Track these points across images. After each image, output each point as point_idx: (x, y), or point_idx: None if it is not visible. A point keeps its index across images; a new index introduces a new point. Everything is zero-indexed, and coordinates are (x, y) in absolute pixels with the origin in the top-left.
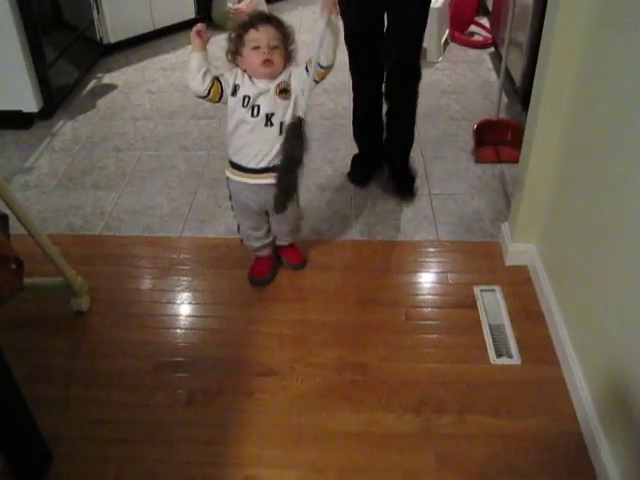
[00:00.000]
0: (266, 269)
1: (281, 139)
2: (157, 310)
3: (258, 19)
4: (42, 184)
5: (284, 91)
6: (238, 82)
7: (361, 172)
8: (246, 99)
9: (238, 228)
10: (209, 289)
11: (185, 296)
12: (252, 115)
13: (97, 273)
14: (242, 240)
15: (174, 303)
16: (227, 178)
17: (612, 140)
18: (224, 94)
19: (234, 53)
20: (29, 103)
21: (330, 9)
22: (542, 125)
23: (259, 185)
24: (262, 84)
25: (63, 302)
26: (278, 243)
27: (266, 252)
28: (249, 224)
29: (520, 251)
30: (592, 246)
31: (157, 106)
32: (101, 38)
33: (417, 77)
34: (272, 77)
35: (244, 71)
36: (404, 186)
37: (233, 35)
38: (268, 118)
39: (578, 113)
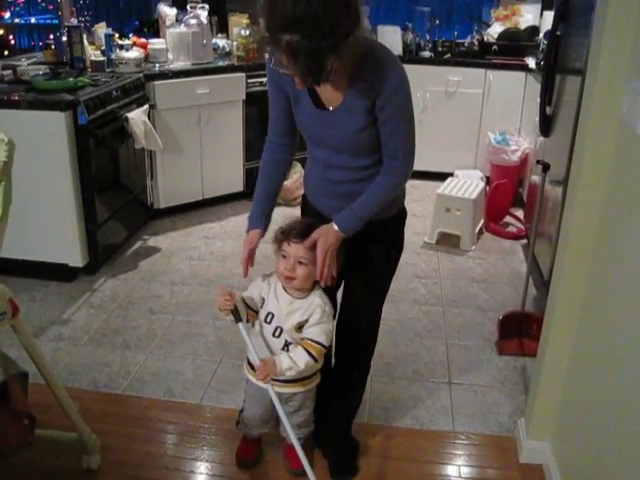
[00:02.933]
0: (254, 451)
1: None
2: (165, 477)
3: (293, 234)
4: (75, 337)
5: (301, 327)
6: (264, 295)
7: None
8: (269, 316)
9: (240, 412)
10: (219, 461)
11: (195, 465)
12: (274, 335)
13: (112, 432)
14: (237, 423)
15: (183, 471)
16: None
17: (624, 340)
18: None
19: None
20: (75, 258)
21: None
22: (558, 322)
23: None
24: (285, 304)
25: (74, 457)
26: (284, 435)
27: (257, 436)
28: (259, 414)
29: (535, 449)
30: (606, 452)
31: (195, 273)
32: (152, 203)
33: (374, 342)
34: (296, 291)
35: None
36: (344, 462)
37: (278, 232)
38: (286, 344)
39: (592, 313)
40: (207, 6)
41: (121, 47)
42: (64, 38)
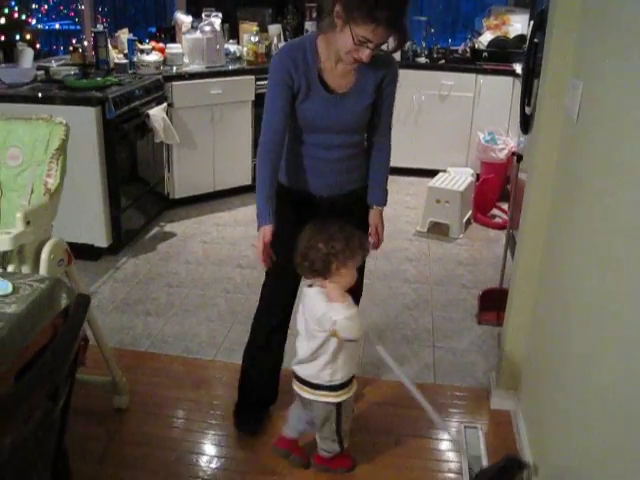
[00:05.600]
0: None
1: None
2: (184, 415)
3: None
4: (102, 306)
5: None
6: None
7: (254, 418)
8: None
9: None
10: (231, 403)
11: (209, 405)
12: None
13: (137, 381)
14: None
15: (199, 411)
16: None
17: (573, 304)
18: None
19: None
20: (100, 239)
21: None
22: (518, 295)
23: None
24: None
25: (104, 399)
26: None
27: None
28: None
29: (503, 397)
30: (560, 400)
31: (208, 254)
32: (168, 193)
33: None
34: None
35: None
36: None
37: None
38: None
39: (547, 280)
40: (220, 14)
41: (142, 51)
42: (85, 42)
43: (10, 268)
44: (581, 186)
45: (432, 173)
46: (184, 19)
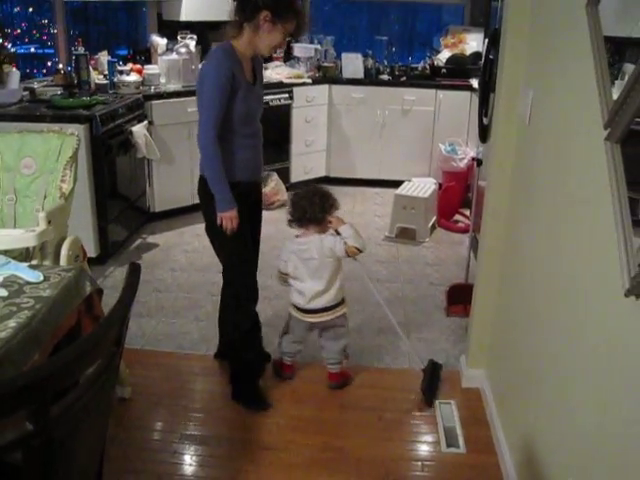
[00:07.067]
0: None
1: None
2: (182, 402)
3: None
4: None
5: None
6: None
7: (259, 395)
8: None
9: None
10: (226, 390)
11: (206, 393)
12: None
13: (136, 374)
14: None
15: (196, 399)
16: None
17: (532, 294)
18: None
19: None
20: (89, 250)
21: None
22: (483, 287)
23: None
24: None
25: None
26: (328, 367)
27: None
28: (295, 338)
29: (473, 376)
30: (521, 374)
31: (191, 262)
32: (149, 207)
33: None
34: None
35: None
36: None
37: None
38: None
39: (507, 273)
40: (195, 36)
41: (121, 72)
42: (60, 65)
43: (34, 262)
44: (534, 184)
45: (397, 184)
46: (159, 41)
